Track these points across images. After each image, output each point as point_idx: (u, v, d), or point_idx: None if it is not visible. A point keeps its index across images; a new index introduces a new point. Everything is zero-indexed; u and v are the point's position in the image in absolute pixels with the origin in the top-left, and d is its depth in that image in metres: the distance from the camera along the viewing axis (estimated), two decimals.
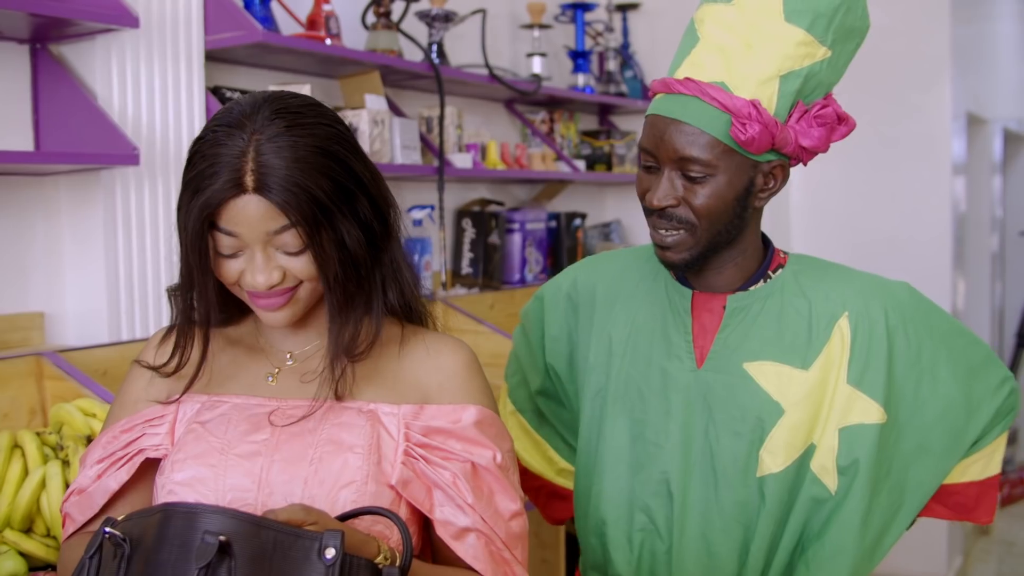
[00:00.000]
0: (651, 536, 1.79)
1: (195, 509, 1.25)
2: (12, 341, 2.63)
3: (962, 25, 4.89)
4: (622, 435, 1.83)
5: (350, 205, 1.45)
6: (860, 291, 1.81)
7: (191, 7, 2.82)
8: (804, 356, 1.76)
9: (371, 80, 3.49)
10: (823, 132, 1.73)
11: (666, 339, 1.82)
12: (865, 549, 1.77)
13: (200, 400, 1.57)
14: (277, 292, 1.47)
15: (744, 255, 1.80)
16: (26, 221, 2.67)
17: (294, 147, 1.40)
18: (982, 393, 1.85)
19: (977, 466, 1.88)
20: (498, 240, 4.17)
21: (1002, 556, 5.54)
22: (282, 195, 1.39)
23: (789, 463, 1.74)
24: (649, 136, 1.72)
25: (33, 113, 2.67)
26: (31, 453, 2.22)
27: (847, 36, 1.75)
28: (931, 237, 4.77)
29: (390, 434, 1.49)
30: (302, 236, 1.41)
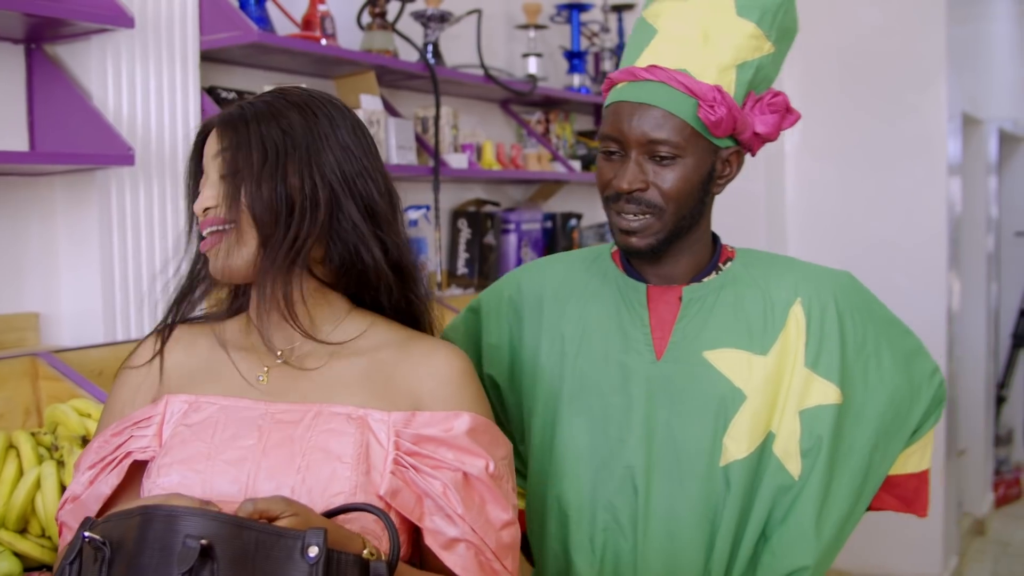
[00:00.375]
0: (615, 535, 1.78)
1: (175, 512, 1.24)
2: (7, 341, 2.63)
3: (957, 25, 4.90)
4: (580, 434, 1.81)
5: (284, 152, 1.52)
6: (809, 278, 1.85)
7: (186, 7, 2.82)
8: (762, 342, 1.78)
9: (366, 80, 3.49)
10: (776, 119, 1.78)
11: (622, 334, 1.82)
12: (829, 532, 1.78)
13: (188, 401, 1.56)
14: (211, 220, 1.53)
15: (699, 244, 1.83)
16: (21, 222, 2.67)
17: (267, 101, 1.57)
18: (920, 379, 1.90)
19: (914, 458, 1.92)
20: (494, 240, 4.17)
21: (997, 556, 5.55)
22: (224, 122, 1.54)
23: (753, 449, 1.75)
24: (613, 123, 1.75)
25: (28, 113, 2.67)
26: (26, 454, 2.21)
27: (784, 35, 1.83)
28: (926, 237, 4.77)
29: (379, 442, 1.48)
30: (227, 159, 1.52)
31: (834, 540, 1.80)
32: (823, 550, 1.77)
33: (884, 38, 4.80)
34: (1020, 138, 6.90)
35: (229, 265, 1.53)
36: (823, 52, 4.91)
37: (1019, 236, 7.08)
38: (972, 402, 5.89)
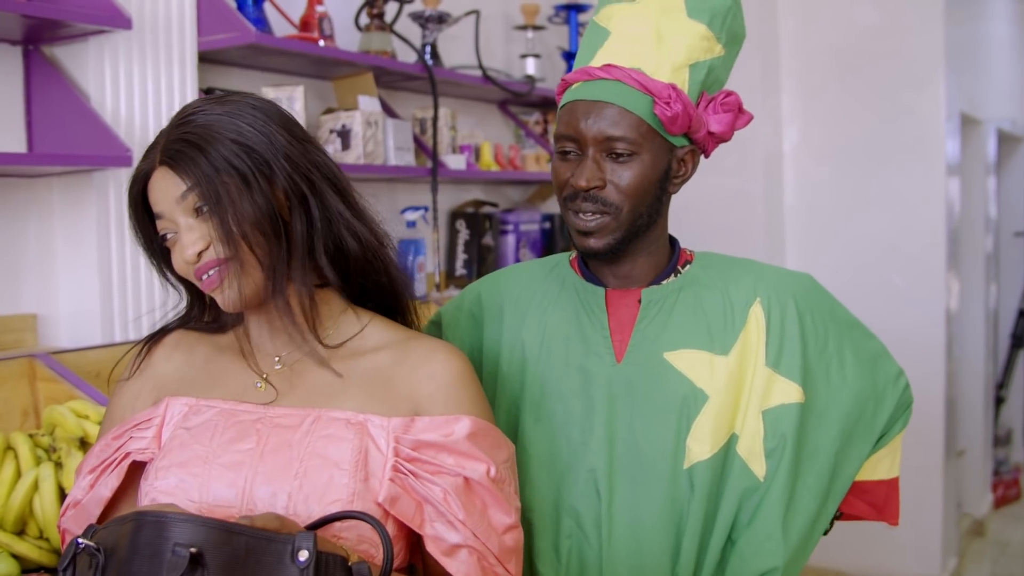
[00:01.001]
0: (579, 542, 1.77)
1: (164, 518, 1.24)
2: (5, 343, 2.63)
3: (956, 25, 4.90)
4: (542, 441, 1.81)
5: (254, 163, 1.48)
6: (768, 279, 1.85)
7: (184, 8, 2.82)
8: (723, 342, 1.78)
9: (364, 81, 3.49)
10: (729, 118, 1.79)
11: (582, 338, 1.82)
12: (797, 534, 1.77)
13: (188, 403, 1.56)
14: (210, 263, 1.48)
15: (656, 245, 1.83)
16: (19, 223, 2.67)
17: (196, 121, 1.50)
18: (884, 381, 1.90)
19: (884, 464, 1.92)
20: (492, 241, 4.17)
21: (996, 557, 5.55)
22: (180, 159, 1.47)
23: (716, 450, 1.74)
24: (569, 122, 1.75)
25: (26, 115, 2.67)
26: (24, 455, 2.21)
27: (733, 40, 1.83)
28: (925, 238, 4.77)
29: (379, 448, 1.47)
30: (199, 196, 1.46)
31: (803, 542, 1.79)
32: (791, 552, 1.76)
33: (882, 38, 4.80)
34: (1019, 138, 6.90)
35: (243, 296, 1.51)
36: (821, 52, 4.91)
37: (1018, 236, 7.08)
38: (971, 402, 5.88)
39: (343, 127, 3.32)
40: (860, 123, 4.88)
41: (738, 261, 1.91)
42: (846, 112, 4.90)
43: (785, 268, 1.91)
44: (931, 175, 4.76)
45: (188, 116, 1.50)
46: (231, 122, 1.48)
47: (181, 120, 1.50)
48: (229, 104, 1.51)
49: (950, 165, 4.82)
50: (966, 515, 5.77)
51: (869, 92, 4.84)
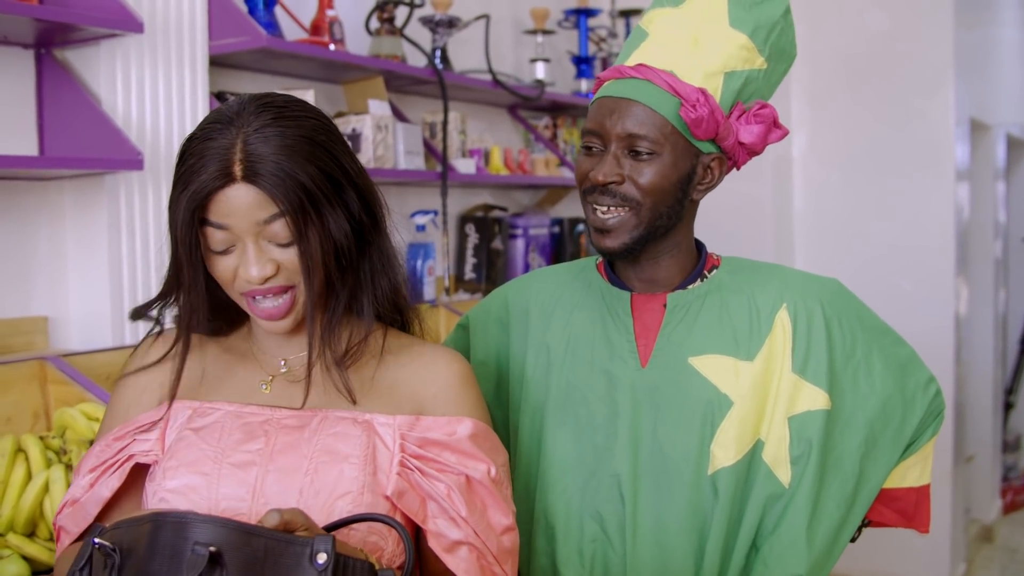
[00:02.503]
0: (603, 546, 1.77)
1: (185, 518, 1.24)
2: (16, 345, 2.64)
3: (965, 30, 4.89)
4: (566, 445, 1.81)
5: (338, 195, 1.46)
6: (795, 284, 1.85)
7: (195, 12, 2.83)
8: (748, 348, 1.78)
9: (374, 85, 3.50)
10: (761, 130, 1.78)
11: (607, 342, 1.82)
12: (821, 541, 1.76)
13: (192, 406, 1.56)
14: (275, 291, 1.47)
15: (679, 249, 1.82)
16: (30, 226, 2.67)
17: (281, 136, 1.42)
18: (913, 388, 1.89)
19: (914, 471, 1.91)
20: (501, 245, 4.17)
21: (1005, 563, 5.54)
22: (271, 182, 1.40)
23: (741, 456, 1.74)
24: (596, 117, 1.76)
25: (37, 118, 2.68)
26: (34, 457, 2.22)
27: (780, 56, 1.83)
28: (934, 243, 4.76)
29: (385, 444, 1.48)
30: (291, 225, 1.42)
31: (827, 549, 1.78)
32: (815, 559, 1.75)
33: (892, 43, 4.80)
34: None
35: (296, 322, 1.52)
36: (830, 57, 4.91)
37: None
38: (980, 408, 5.87)
39: (353, 131, 3.33)
40: (869, 128, 4.88)
41: (765, 266, 1.90)
42: (855, 117, 4.90)
43: (812, 273, 1.91)
44: (940, 180, 4.76)
45: (263, 129, 1.43)
46: (313, 146, 1.44)
47: (256, 132, 1.42)
48: (301, 122, 1.46)
49: (959, 170, 4.82)
50: (974, 521, 5.76)
51: (878, 97, 4.83)
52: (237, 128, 1.43)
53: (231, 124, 1.43)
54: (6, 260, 2.63)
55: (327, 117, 1.53)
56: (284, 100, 1.49)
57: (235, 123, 1.43)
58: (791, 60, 1.88)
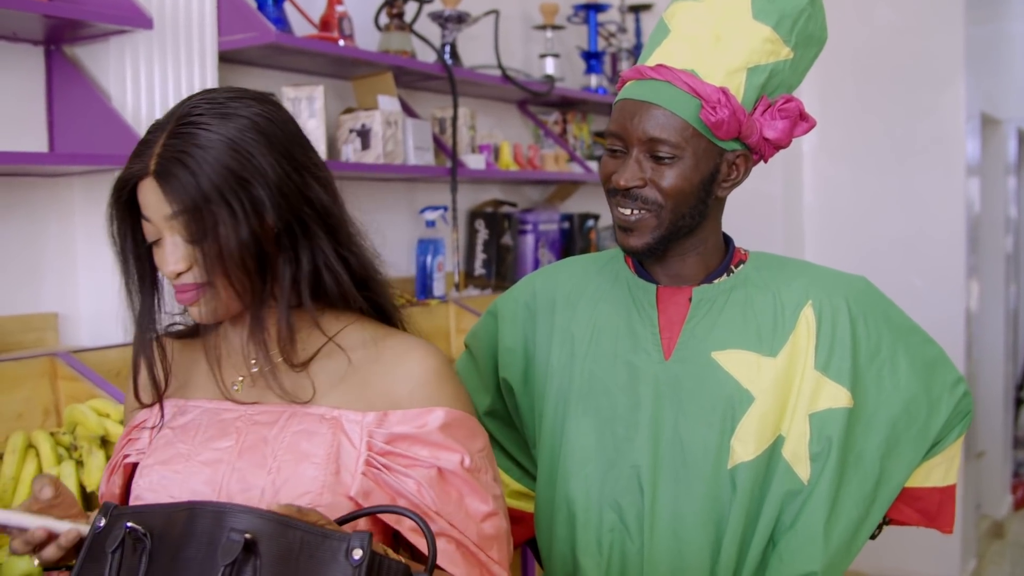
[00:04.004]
0: (621, 536, 1.78)
1: (224, 508, 1.27)
2: (26, 342, 2.64)
3: (976, 25, 4.88)
4: (588, 434, 1.81)
5: (244, 196, 1.44)
6: (822, 282, 1.84)
7: (204, 8, 2.83)
8: (771, 344, 1.77)
9: (384, 81, 3.49)
10: (786, 125, 1.77)
11: (631, 334, 1.82)
12: (839, 539, 1.76)
13: (177, 404, 1.59)
14: (187, 286, 1.47)
15: (705, 246, 1.82)
16: (40, 222, 2.68)
17: (198, 136, 1.43)
18: (940, 389, 1.88)
19: (939, 471, 1.90)
20: (511, 241, 4.17)
21: (1016, 559, 5.53)
22: (172, 181, 1.42)
23: (760, 452, 1.74)
24: (618, 120, 1.75)
25: (47, 114, 2.68)
26: (45, 453, 2.22)
27: (808, 42, 1.82)
28: (945, 238, 4.75)
29: (352, 443, 1.47)
30: (185, 225, 1.43)
31: (844, 547, 1.78)
32: (832, 556, 1.75)
33: (901, 38, 4.79)
34: None
35: (216, 316, 1.51)
36: (840, 52, 4.89)
37: None
38: (991, 404, 5.86)
39: (363, 127, 3.33)
40: (879, 123, 4.87)
41: (792, 262, 1.90)
42: (865, 112, 4.89)
43: (839, 271, 1.90)
44: (951, 175, 4.75)
45: (186, 125, 1.44)
46: (229, 147, 1.43)
47: (179, 127, 1.44)
48: (231, 121, 1.45)
49: (970, 165, 4.81)
50: (985, 517, 5.75)
51: (888, 92, 4.82)
52: (169, 124, 1.46)
53: (168, 120, 1.47)
54: (16, 256, 2.64)
55: (269, 114, 1.50)
56: (224, 98, 1.49)
57: (170, 119, 1.46)
58: (821, 44, 1.86)
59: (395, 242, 3.84)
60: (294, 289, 1.52)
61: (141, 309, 1.55)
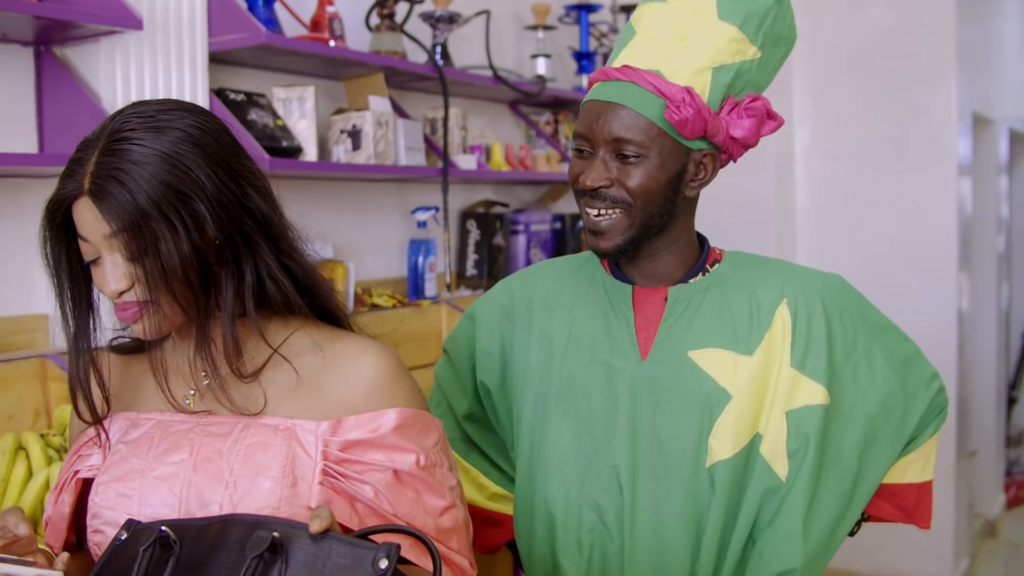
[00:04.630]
0: (601, 536, 1.79)
1: (259, 519, 1.31)
2: (17, 343, 2.63)
3: (968, 25, 4.88)
4: (567, 435, 1.82)
5: (184, 211, 1.42)
6: (797, 280, 1.85)
7: (195, 9, 2.82)
8: (747, 342, 1.79)
9: (375, 82, 3.49)
10: (753, 123, 1.77)
11: (608, 335, 1.83)
12: (818, 535, 1.77)
13: (129, 418, 1.56)
14: (128, 304, 1.45)
15: (677, 245, 1.83)
16: (30, 223, 2.63)
17: (131, 151, 1.40)
18: (916, 385, 1.90)
19: (915, 467, 1.92)
20: (503, 241, 4.17)
21: (1009, 558, 5.53)
22: (107, 200, 1.39)
23: (738, 450, 1.75)
24: (584, 121, 1.77)
25: (37, 115, 2.67)
26: (35, 455, 2.22)
27: (776, 42, 1.82)
28: (937, 238, 4.76)
29: (307, 453, 1.46)
30: (124, 243, 1.40)
31: (824, 544, 1.79)
32: (811, 553, 1.76)
33: (894, 38, 4.79)
34: None
35: (159, 330, 1.49)
36: (832, 52, 4.91)
37: None
38: (983, 403, 5.87)
39: (354, 127, 3.32)
40: (871, 123, 4.87)
41: (768, 261, 1.91)
42: (857, 112, 4.90)
43: (815, 269, 1.92)
44: (943, 175, 4.75)
45: (119, 141, 1.41)
46: (165, 162, 1.40)
47: (111, 144, 1.41)
48: (165, 134, 1.43)
49: (962, 165, 4.81)
50: (978, 516, 5.76)
51: (880, 92, 4.83)
52: (100, 141, 1.43)
53: (98, 137, 1.43)
54: (6, 258, 2.63)
55: (202, 124, 1.48)
56: (154, 110, 1.46)
57: (100, 136, 1.43)
58: (790, 45, 1.86)
59: (386, 243, 3.84)
60: (238, 300, 1.50)
61: (76, 331, 1.51)
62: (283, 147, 3.04)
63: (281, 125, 3.11)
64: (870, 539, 4.75)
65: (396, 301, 3.55)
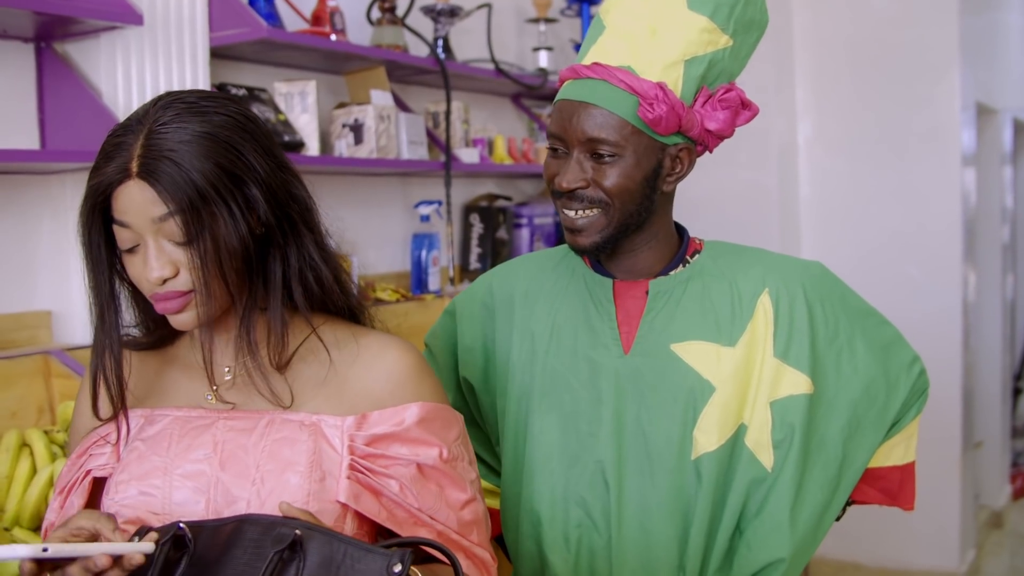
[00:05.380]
0: (588, 531, 1.78)
1: (275, 519, 1.32)
2: (20, 340, 2.63)
3: (971, 15, 4.87)
4: (552, 431, 1.82)
5: (239, 194, 1.42)
6: (777, 268, 1.85)
7: (195, 4, 2.82)
8: (730, 333, 1.78)
9: (377, 75, 3.49)
10: (728, 115, 1.76)
11: (590, 329, 1.83)
12: (805, 524, 1.77)
13: (144, 414, 1.55)
14: (172, 294, 1.44)
15: (656, 239, 1.82)
16: (33, 219, 2.67)
17: (181, 132, 1.40)
18: (897, 369, 1.89)
19: (898, 450, 1.92)
20: (506, 235, 4.17)
21: (1015, 549, 5.53)
22: (164, 179, 1.38)
23: (723, 441, 1.75)
24: (557, 121, 1.75)
25: (38, 112, 2.67)
26: (39, 451, 2.22)
27: (748, 28, 1.79)
28: (941, 229, 4.75)
29: (333, 448, 1.46)
30: (181, 224, 1.39)
31: (811, 532, 1.79)
32: (798, 542, 1.77)
33: (897, 28, 4.78)
34: None
35: (199, 322, 1.47)
36: (835, 43, 4.90)
37: None
38: (988, 394, 5.86)
39: (356, 121, 3.32)
40: (875, 114, 4.86)
41: (748, 250, 1.90)
42: (861, 103, 4.89)
43: (795, 257, 1.91)
44: (947, 166, 4.74)
45: (165, 124, 1.40)
46: (218, 144, 1.41)
47: (158, 126, 1.40)
48: (211, 119, 1.43)
49: (966, 155, 4.80)
50: (984, 507, 5.75)
51: (884, 83, 4.82)
52: (143, 125, 1.41)
53: (140, 122, 1.42)
54: (9, 254, 2.63)
55: (244, 112, 1.48)
56: (196, 96, 1.46)
57: (143, 121, 1.42)
58: (762, 29, 1.84)
59: (390, 237, 3.83)
60: (285, 287, 1.50)
61: (107, 323, 1.51)
62: (285, 142, 3.04)
63: (283, 120, 3.10)
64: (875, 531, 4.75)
65: (400, 295, 3.55)
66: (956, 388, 4.69)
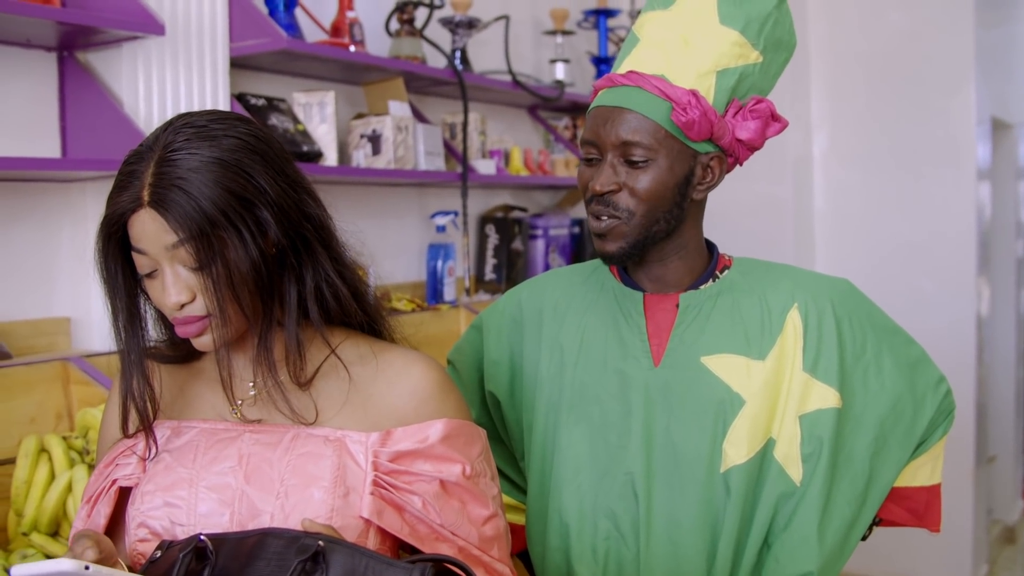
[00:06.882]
0: (617, 543, 1.78)
1: (297, 533, 1.33)
2: (39, 346, 2.65)
3: (986, 28, 4.87)
4: (580, 443, 1.82)
5: (249, 218, 1.43)
6: (806, 284, 1.86)
7: (216, 14, 2.84)
8: (760, 347, 1.79)
9: (395, 87, 3.51)
10: (758, 125, 1.78)
11: (620, 342, 1.83)
12: (833, 539, 1.77)
13: (170, 426, 1.56)
14: (191, 319, 1.45)
15: (686, 250, 1.83)
16: (53, 227, 2.69)
17: (189, 160, 1.40)
18: (924, 388, 1.89)
19: (924, 470, 1.92)
20: (521, 246, 4.18)
21: None
22: (173, 208, 1.39)
23: (752, 455, 1.75)
24: (592, 127, 1.77)
25: (60, 120, 2.69)
26: (57, 457, 2.23)
27: (777, 47, 1.83)
28: (955, 243, 4.74)
29: (358, 464, 1.47)
30: (191, 252, 1.40)
31: (838, 547, 1.79)
32: (826, 556, 1.76)
33: (912, 42, 4.78)
34: None
35: (218, 345, 1.49)
36: (851, 56, 4.90)
37: None
38: (1002, 408, 5.85)
39: (373, 132, 3.34)
40: (890, 127, 4.86)
41: (776, 267, 1.91)
42: (876, 116, 4.89)
43: (823, 274, 1.92)
44: (961, 179, 4.74)
45: (175, 151, 1.41)
46: (227, 169, 1.41)
47: (167, 153, 1.41)
48: (221, 143, 1.43)
49: (980, 169, 4.80)
50: (996, 522, 5.74)
51: (899, 96, 4.82)
52: (154, 152, 1.42)
53: (151, 148, 1.43)
54: (29, 261, 2.65)
55: (255, 133, 1.49)
56: (205, 120, 1.46)
57: (154, 147, 1.43)
58: (790, 50, 1.87)
59: (405, 247, 3.85)
60: (301, 306, 1.51)
61: (129, 345, 1.51)
62: (303, 152, 3.06)
63: (301, 130, 3.12)
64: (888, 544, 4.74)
65: (415, 305, 3.56)
66: (969, 402, 4.68)
